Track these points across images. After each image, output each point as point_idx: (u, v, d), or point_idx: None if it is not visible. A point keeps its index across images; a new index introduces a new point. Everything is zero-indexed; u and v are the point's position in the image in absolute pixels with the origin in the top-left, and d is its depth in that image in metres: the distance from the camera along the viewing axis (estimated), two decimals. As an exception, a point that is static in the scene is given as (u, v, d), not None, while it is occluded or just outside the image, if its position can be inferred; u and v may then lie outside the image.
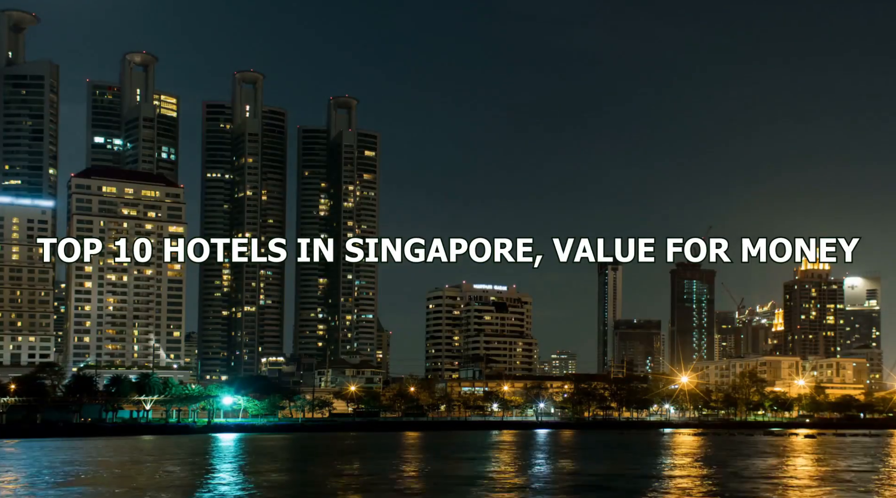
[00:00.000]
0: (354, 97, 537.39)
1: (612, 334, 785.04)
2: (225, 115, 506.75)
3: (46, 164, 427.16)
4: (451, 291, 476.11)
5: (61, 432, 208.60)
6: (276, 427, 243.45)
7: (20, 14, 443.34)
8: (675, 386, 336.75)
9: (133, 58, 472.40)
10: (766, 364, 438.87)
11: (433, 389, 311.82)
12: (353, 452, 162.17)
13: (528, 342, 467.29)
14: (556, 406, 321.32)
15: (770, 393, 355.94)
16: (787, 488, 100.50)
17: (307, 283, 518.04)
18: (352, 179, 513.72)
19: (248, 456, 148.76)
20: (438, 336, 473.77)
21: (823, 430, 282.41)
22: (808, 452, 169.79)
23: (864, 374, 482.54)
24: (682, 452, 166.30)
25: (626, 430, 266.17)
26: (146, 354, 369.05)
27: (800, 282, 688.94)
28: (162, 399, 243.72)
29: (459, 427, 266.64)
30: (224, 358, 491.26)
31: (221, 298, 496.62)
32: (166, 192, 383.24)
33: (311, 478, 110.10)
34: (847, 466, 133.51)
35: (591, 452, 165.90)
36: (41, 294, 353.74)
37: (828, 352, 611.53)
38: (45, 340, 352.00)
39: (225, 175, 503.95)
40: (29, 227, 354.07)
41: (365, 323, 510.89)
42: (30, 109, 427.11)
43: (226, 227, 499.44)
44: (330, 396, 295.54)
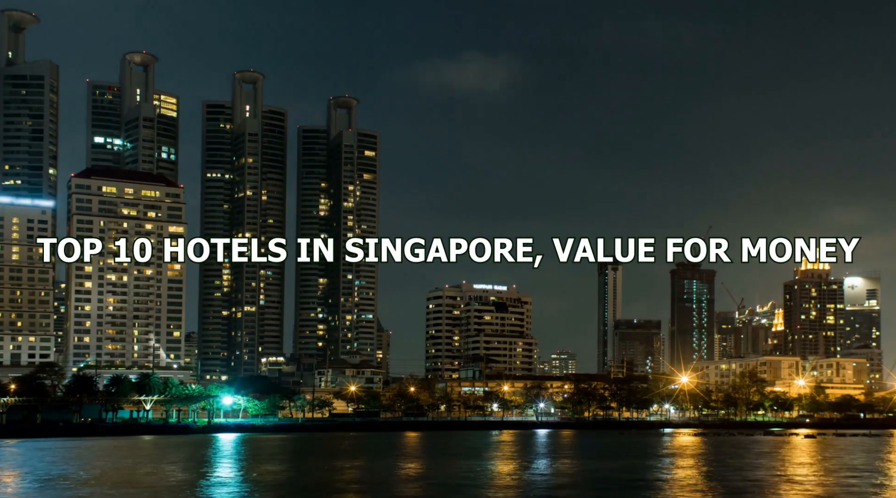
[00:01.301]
0: (354, 97, 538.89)
1: (612, 334, 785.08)
2: (225, 115, 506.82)
3: (46, 164, 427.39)
4: (451, 291, 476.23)
5: (61, 432, 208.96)
6: (276, 427, 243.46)
7: (20, 14, 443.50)
8: (675, 386, 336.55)
9: (133, 58, 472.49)
10: (766, 364, 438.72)
11: (433, 389, 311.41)
12: (353, 452, 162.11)
13: (528, 342, 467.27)
14: (556, 406, 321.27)
15: (770, 393, 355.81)
16: (786, 488, 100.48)
17: (307, 283, 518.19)
18: (352, 179, 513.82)
19: (247, 456, 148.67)
20: (438, 336, 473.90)
21: (823, 430, 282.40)
22: (808, 451, 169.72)
23: (864, 374, 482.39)
24: (682, 452, 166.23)
25: (626, 430, 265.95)
26: (146, 354, 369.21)
27: (800, 282, 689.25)
28: (162, 399, 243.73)
29: (459, 427, 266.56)
30: (224, 358, 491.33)
31: (221, 298, 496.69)
32: (166, 192, 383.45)
33: (311, 478, 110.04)
34: (847, 466, 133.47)
35: (591, 451, 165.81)
36: (41, 294, 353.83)
37: (828, 352, 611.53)
38: (45, 340, 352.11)
39: (225, 175, 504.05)
40: (29, 227, 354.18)
41: (365, 323, 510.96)
42: (30, 109, 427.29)
43: (226, 227, 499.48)
44: (330, 396, 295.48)
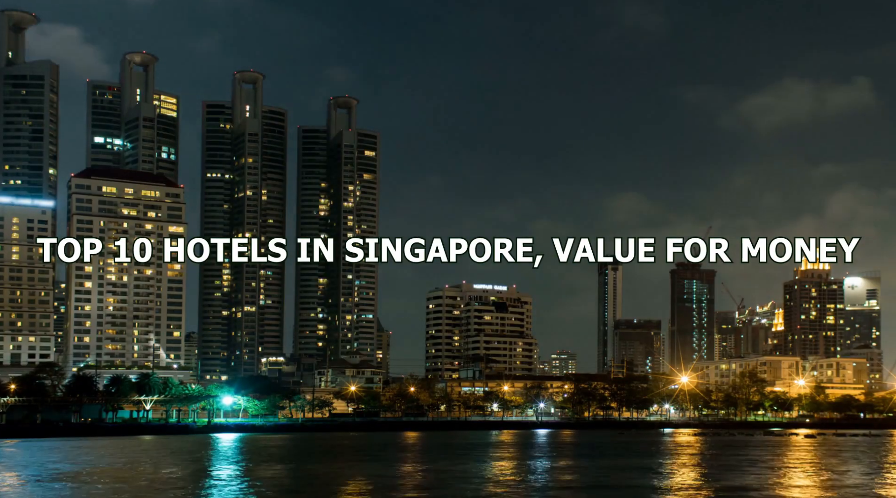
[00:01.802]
0: (354, 97, 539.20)
1: (612, 334, 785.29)
2: (225, 115, 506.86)
3: (46, 164, 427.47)
4: (451, 291, 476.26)
5: (61, 432, 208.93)
6: (276, 427, 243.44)
7: (20, 14, 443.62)
8: (675, 386, 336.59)
9: (133, 58, 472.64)
10: (766, 364, 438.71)
11: (433, 389, 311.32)
12: (353, 452, 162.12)
13: (528, 342, 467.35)
14: (556, 406, 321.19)
15: (770, 393, 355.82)
16: (786, 488, 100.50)
17: (307, 283, 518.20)
18: (352, 179, 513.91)
19: (247, 456, 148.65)
20: (438, 336, 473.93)
21: (823, 430, 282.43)
22: (808, 451, 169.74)
23: (864, 374, 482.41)
24: (682, 452, 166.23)
25: (626, 430, 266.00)
26: (146, 354, 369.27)
27: (800, 282, 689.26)
28: (162, 399, 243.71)
29: (459, 427, 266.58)
30: (224, 358, 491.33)
31: (221, 298, 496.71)
32: (166, 192, 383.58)
33: (311, 478, 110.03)
34: (847, 465, 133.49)
35: (590, 451, 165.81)
36: (41, 294, 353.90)
37: (828, 352, 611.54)
38: (45, 340, 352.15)
39: (225, 175, 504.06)
40: (29, 227, 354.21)
41: (365, 323, 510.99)
42: (30, 109, 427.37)
43: (226, 227, 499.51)
44: (330, 396, 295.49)
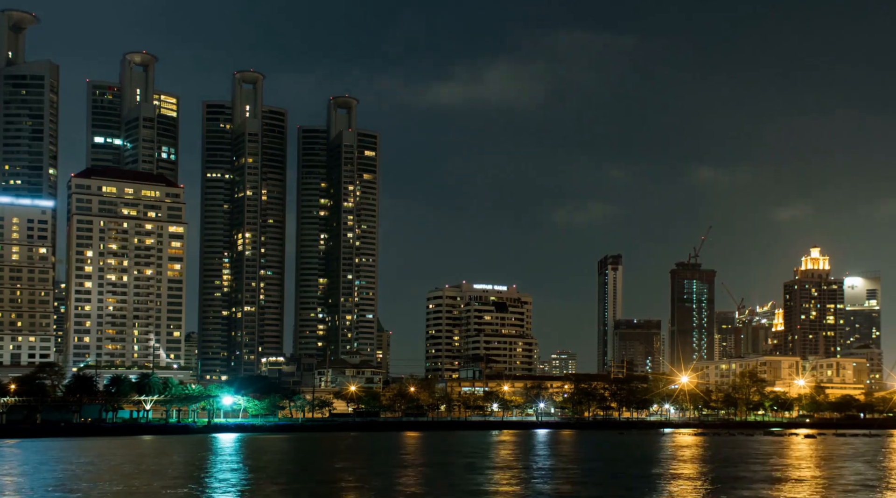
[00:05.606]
0: (354, 97, 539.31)
1: (612, 334, 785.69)
2: (225, 115, 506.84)
3: (46, 164, 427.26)
4: (451, 291, 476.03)
5: (61, 432, 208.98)
6: (276, 427, 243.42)
7: (20, 14, 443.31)
8: (675, 386, 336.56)
9: (133, 58, 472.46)
10: (766, 364, 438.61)
11: (433, 389, 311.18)
12: (353, 452, 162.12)
13: (528, 342, 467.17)
14: (556, 406, 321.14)
15: (770, 393, 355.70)
16: (786, 488, 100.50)
17: (307, 283, 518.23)
18: (352, 179, 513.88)
19: (247, 456, 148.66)
20: (438, 336, 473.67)
21: (823, 430, 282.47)
22: (808, 451, 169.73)
23: (864, 374, 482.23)
24: (682, 452, 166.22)
25: (626, 430, 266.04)
26: (146, 354, 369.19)
27: (800, 282, 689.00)
28: (162, 399, 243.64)
29: (459, 427, 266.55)
30: (224, 358, 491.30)
31: (221, 298, 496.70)
32: (166, 192, 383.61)
33: (311, 478, 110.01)
34: (847, 465, 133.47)
35: (590, 451, 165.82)
36: (41, 294, 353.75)
37: (828, 352, 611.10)
38: (45, 340, 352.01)
39: (225, 175, 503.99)
40: (29, 227, 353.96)
41: (365, 323, 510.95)
42: (30, 109, 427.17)
43: (226, 227, 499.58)
44: (330, 396, 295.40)
